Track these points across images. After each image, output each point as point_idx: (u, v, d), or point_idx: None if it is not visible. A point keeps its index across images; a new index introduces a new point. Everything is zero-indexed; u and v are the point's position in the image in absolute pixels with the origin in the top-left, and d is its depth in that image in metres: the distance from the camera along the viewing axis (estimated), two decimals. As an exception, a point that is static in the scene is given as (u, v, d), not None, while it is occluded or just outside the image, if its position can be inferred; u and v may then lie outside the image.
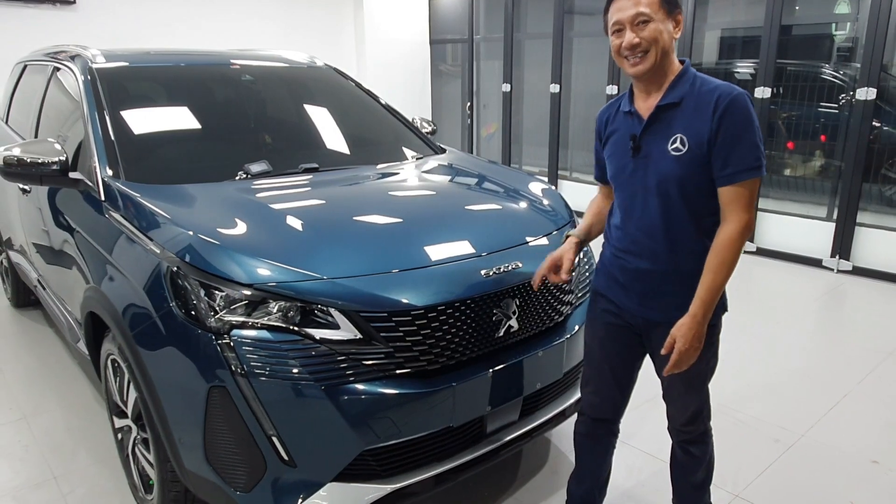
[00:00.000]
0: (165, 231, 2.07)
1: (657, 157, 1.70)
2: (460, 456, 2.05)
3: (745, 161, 1.62)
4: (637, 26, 1.65)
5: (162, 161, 2.67)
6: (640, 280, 1.81)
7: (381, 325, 1.87)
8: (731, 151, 1.62)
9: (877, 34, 4.69)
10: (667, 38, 1.67)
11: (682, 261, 1.74)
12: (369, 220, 2.30)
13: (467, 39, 8.10)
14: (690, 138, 1.65)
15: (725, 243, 1.65)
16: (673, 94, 1.69)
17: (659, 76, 1.70)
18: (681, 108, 1.68)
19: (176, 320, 1.89)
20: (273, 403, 1.80)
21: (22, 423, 2.98)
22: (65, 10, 5.82)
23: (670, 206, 1.71)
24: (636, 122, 1.75)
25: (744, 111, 1.61)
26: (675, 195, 1.69)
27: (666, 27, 1.66)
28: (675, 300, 1.75)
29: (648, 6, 1.64)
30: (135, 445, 2.30)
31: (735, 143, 1.62)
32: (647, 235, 1.76)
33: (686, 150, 1.65)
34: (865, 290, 4.75)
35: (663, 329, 1.77)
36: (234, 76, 3.24)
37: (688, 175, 1.67)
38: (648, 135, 1.72)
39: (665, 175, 1.69)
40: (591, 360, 2.03)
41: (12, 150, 2.53)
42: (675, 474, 2.09)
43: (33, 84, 3.67)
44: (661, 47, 1.66)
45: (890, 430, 2.92)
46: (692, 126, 1.65)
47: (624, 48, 1.67)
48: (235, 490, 1.88)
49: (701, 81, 1.69)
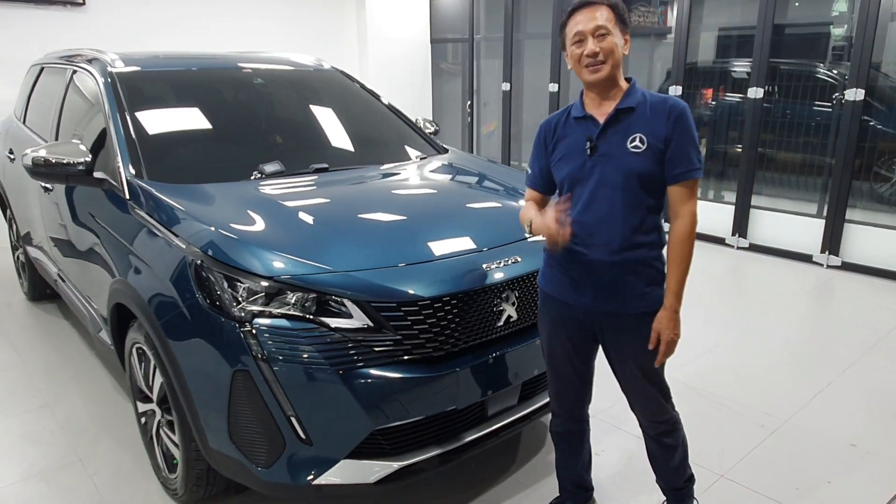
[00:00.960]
0: (189, 227, 2.23)
1: (616, 154, 1.87)
2: (463, 436, 2.22)
3: (692, 163, 1.83)
4: (597, 38, 1.83)
5: (181, 161, 2.82)
6: (597, 273, 1.91)
7: (390, 315, 2.03)
8: (681, 154, 1.83)
9: (865, 37, 4.84)
10: (619, 51, 1.86)
11: (633, 250, 1.89)
12: (378, 218, 2.46)
13: (468, 39, 8.24)
14: (649, 137, 1.84)
15: (683, 237, 1.87)
16: (629, 100, 1.88)
17: (611, 85, 1.89)
18: (637, 112, 1.87)
19: (201, 310, 2.04)
20: (292, 386, 1.96)
21: (45, 411, 3.14)
22: (74, 11, 5.96)
23: (626, 198, 1.87)
24: (591, 125, 1.91)
25: (690, 121, 1.85)
26: (634, 187, 1.87)
27: (619, 41, 1.86)
28: (631, 291, 1.91)
29: (607, 21, 1.83)
30: (159, 428, 2.46)
31: (684, 147, 1.83)
32: (606, 226, 1.89)
33: (645, 148, 1.84)
34: (853, 284, 4.92)
35: (618, 320, 1.94)
36: (247, 79, 3.38)
37: (645, 168, 1.85)
38: (606, 135, 1.89)
39: (624, 168, 1.86)
40: (553, 361, 2.13)
41: (39, 152, 2.68)
42: (654, 464, 2.20)
43: (51, 86, 3.81)
44: (615, 58, 1.85)
45: (869, 416, 3.08)
46: (651, 127, 1.84)
47: (585, 56, 1.84)
48: (257, 466, 2.04)
49: (650, 94, 1.91)
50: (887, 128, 5.43)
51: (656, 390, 2.03)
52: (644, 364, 1.97)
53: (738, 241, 5.81)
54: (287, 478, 2.03)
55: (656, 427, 2.10)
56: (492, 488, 2.55)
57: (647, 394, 2.04)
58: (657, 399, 2.05)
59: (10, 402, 3.22)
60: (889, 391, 3.31)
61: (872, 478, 2.62)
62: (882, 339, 3.90)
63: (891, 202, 5.51)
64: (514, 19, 7.53)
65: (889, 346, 3.82)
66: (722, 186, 6.51)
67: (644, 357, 1.96)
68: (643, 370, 1.99)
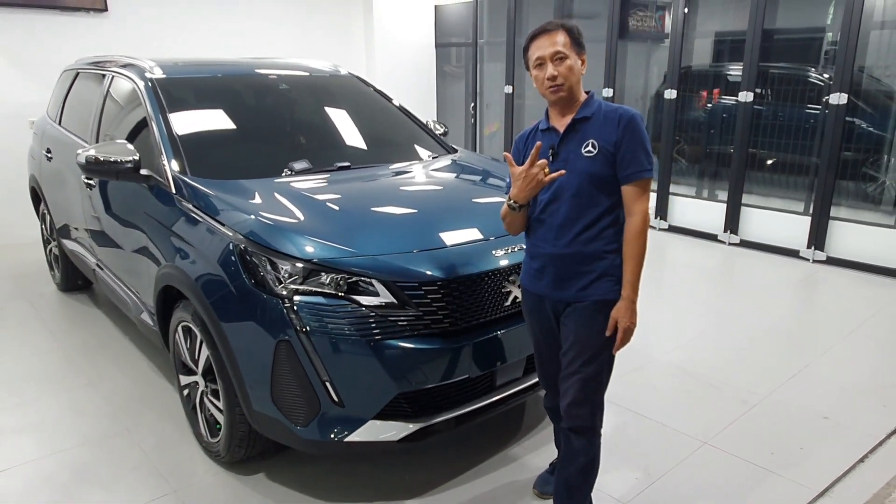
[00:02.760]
0: (233, 216, 2.53)
1: (573, 158, 2.07)
2: (475, 402, 2.51)
3: (640, 164, 2.02)
4: (555, 62, 2.04)
5: (219, 159, 3.11)
6: (554, 264, 2.11)
7: (412, 294, 2.33)
8: (630, 156, 2.02)
9: (849, 43, 5.13)
10: (576, 72, 2.08)
11: (587, 244, 2.07)
12: (398, 209, 2.77)
13: (472, 43, 8.54)
14: (600, 142, 2.04)
15: (636, 233, 2.02)
16: (585, 111, 2.09)
17: (572, 101, 2.10)
18: (591, 121, 2.08)
19: (247, 288, 2.34)
20: (327, 354, 2.25)
21: (90, 388, 3.44)
22: (98, 17, 6.24)
23: (582, 198, 2.06)
24: (554, 135, 2.13)
25: (639, 127, 2.03)
26: (586, 187, 2.05)
27: (576, 63, 2.07)
28: (581, 281, 2.08)
29: (564, 46, 2.04)
30: (202, 397, 2.75)
31: (633, 150, 2.02)
32: (563, 224, 2.09)
33: (597, 152, 2.04)
34: (836, 277, 5.21)
35: (570, 307, 2.11)
36: (273, 85, 3.68)
37: (596, 170, 2.04)
38: (565, 143, 2.10)
39: (579, 171, 2.06)
40: (535, 345, 2.31)
41: (91, 151, 2.98)
42: (560, 459, 2.29)
43: (88, 90, 4.11)
44: (572, 79, 2.06)
45: (841, 393, 3.37)
46: (602, 134, 2.05)
47: (546, 79, 2.06)
48: (295, 425, 2.33)
49: (605, 104, 2.11)
50: (873, 129, 5.74)
51: (587, 379, 2.10)
52: (584, 350, 2.09)
53: (730, 238, 6.11)
54: (322, 435, 2.33)
55: (571, 418, 2.15)
56: (499, 452, 2.85)
57: (576, 379, 2.11)
58: (584, 388, 2.11)
59: (56, 380, 3.52)
60: (862, 372, 3.61)
61: (840, 445, 2.91)
62: (859, 327, 4.19)
63: (877, 201, 5.81)
64: (517, 24, 7.83)
65: (865, 334, 4.11)
66: (715, 185, 6.80)
67: (588, 342, 2.08)
68: (583, 356, 2.09)
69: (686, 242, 6.27)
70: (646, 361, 3.70)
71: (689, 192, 6.85)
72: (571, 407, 2.14)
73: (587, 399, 2.13)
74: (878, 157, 5.76)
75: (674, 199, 6.63)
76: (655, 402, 3.29)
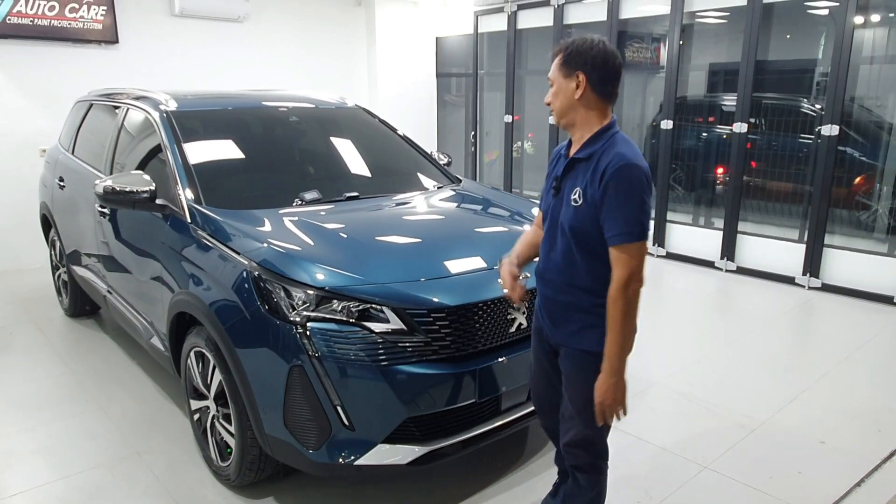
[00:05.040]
0: (247, 244, 2.62)
1: (566, 201, 1.94)
2: (481, 426, 2.58)
3: (621, 228, 1.80)
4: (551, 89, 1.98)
5: (232, 189, 3.22)
6: (548, 306, 2.08)
7: (421, 320, 2.41)
8: (611, 218, 1.81)
9: (838, 77, 5.29)
10: (561, 99, 1.91)
11: (576, 294, 1.96)
12: (406, 238, 2.88)
13: (472, 73, 8.74)
14: (585, 194, 1.87)
15: (611, 301, 1.84)
16: (586, 150, 1.90)
17: (573, 128, 1.95)
18: (587, 163, 1.89)
19: (261, 314, 2.42)
20: (339, 379, 2.33)
21: (99, 412, 3.49)
22: (109, 49, 6.41)
23: (568, 246, 1.94)
24: (562, 165, 2.01)
25: (625, 183, 1.78)
26: (570, 237, 1.92)
27: (562, 88, 1.91)
28: (571, 327, 2.01)
29: (551, 74, 1.95)
30: (213, 421, 2.81)
31: (614, 211, 1.80)
32: (555, 265, 2.01)
33: (581, 203, 1.88)
34: (831, 304, 5.30)
35: (564, 351, 2.06)
36: (283, 117, 3.81)
37: (578, 224, 1.89)
38: (565, 180, 1.98)
39: (565, 218, 1.94)
40: (533, 364, 2.31)
41: (108, 182, 3.08)
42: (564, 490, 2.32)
43: (102, 121, 4.24)
44: (558, 107, 1.94)
45: (838, 418, 3.44)
46: (588, 185, 1.87)
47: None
48: (307, 448, 2.40)
49: (611, 144, 1.87)
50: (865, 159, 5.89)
51: (584, 424, 2.04)
52: (577, 396, 2.02)
53: (726, 265, 6.22)
54: (332, 458, 2.39)
55: (571, 457, 2.13)
56: (504, 476, 2.90)
57: (573, 422, 2.08)
58: (580, 431, 2.07)
59: (66, 404, 3.57)
60: (858, 397, 3.68)
61: (838, 469, 2.98)
62: (854, 353, 4.27)
63: (870, 228, 5.93)
64: (516, 56, 8.03)
65: (860, 359, 4.19)
66: (711, 213, 6.93)
67: (580, 389, 2.00)
68: (577, 402, 2.03)
69: (683, 269, 6.38)
70: (646, 386, 3.77)
71: (686, 220, 6.97)
72: (569, 447, 2.13)
73: (585, 441, 2.09)
74: (871, 185, 5.89)
75: (671, 227, 6.75)
76: (655, 426, 3.35)
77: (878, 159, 5.82)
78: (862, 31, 5.49)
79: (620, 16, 6.89)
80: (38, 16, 5.88)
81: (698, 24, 6.80)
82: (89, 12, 6.14)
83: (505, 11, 7.96)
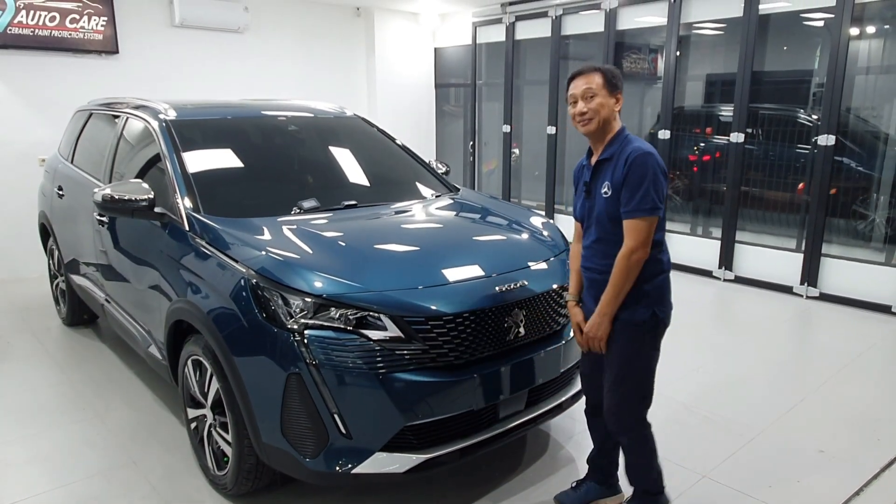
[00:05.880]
0: (245, 252, 2.62)
1: (598, 197, 2.34)
2: (479, 434, 2.57)
3: (636, 204, 2.19)
4: (586, 99, 2.28)
5: (231, 198, 3.22)
6: (594, 289, 2.39)
7: (419, 328, 2.41)
8: (627, 195, 2.21)
9: (834, 87, 5.33)
10: (606, 110, 2.28)
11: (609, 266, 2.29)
12: (403, 246, 2.87)
13: (470, 84, 8.78)
14: (612, 184, 2.26)
15: (618, 260, 2.23)
16: (607, 151, 2.32)
17: (602, 136, 2.33)
18: (610, 162, 2.30)
19: (259, 322, 2.42)
20: (336, 387, 2.33)
21: (97, 420, 3.48)
22: (109, 59, 6.44)
23: (606, 232, 2.31)
24: (588, 171, 2.40)
25: (643, 167, 2.19)
26: (606, 223, 2.30)
27: (608, 103, 2.28)
28: None
29: (595, 85, 2.27)
30: (210, 430, 2.80)
31: (630, 189, 2.20)
32: (595, 252, 2.37)
33: (611, 193, 2.27)
34: (829, 313, 5.31)
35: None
36: (283, 126, 3.83)
37: (612, 209, 2.28)
38: (593, 181, 2.37)
39: (601, 210, 2.32)
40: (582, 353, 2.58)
41: (107, 190, 3.09)
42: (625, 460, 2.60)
43: (102, 130, 4.25)
44: (602, 116, 2.28)
45: (836, 426, 3.44)
46: (614, 176, 2.27)
47: (576, 115, 2.31)
48: (304, 457, 2.39)
49: (628, 142, 2.29)
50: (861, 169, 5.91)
51: (618, 393, 2.39)
52: (613, 365, 2.37)
53: (724, 274, 6.23)
54: (329, 467, 2.38)
55: (609, 423, 2.46)
56: (502, 484, 2.89)
57: (610, 392, 2.41)
58: (615, 400, 2.41)
59: (64, 412, 3.56)
60: (855, 406, 3.67)
61: (836, 478, 2.97)
62: (852, 362, 4.27)
63: (868, 238, 5.94)
64: (514, 67, 8.08)
65: (858, 368, 4.19)
66: (709, 223, 6.95)
67: (615, 359, 2.35)
68: (612, 371, 2.38)
69: (682, 279, 6.38)
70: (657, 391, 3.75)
71: (684, 230, 6.99)
72: (608, 415, 2.45)
73: (619, 410, 2.41)
74: (868, 195, 5.92)
75: (669, 236, 6.76)
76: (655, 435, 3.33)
77: (875, 169, 5.85)
78: (857, 42, 5.54)
79: (617, 27, 6.95)
80: (39, 26, 5.91)
81: (695, 35, 6.85)
82: (90, 23, 6.18)
83: (503, 22, 8.02)
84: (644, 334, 2.33)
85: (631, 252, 2.20)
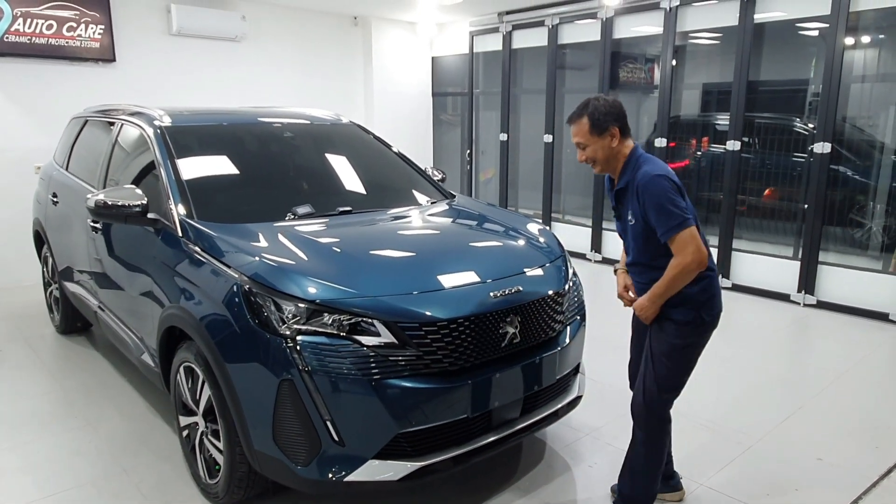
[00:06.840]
0: (238, 258, 2.60)
1: (626, 221, 2.48)
2: (473, 442, 2.55)
3: (665, 227, 2.30)
4: (581, 148, 2.44)
5: (225, 204, 3.20)
6: (640, 291, 2.53)
7: (413, 334, 2.39)
8: (657, 219, 2.32)
9: (829, 96, 5.34)
10: (603, 152, 2.41)
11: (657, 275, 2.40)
12: (398, 252, 2.85)
13: (467, 93, 8.80)
14: (634, 214, 2.40)
15: (671, 268, 2.35)
16: (622, 181, 2.43)
17: (612, 171, 2.48)
18: (626, 190, 2.42)
19: (252, 328, 2.39)
20: (329, 394, 2.30)
21: (89, 429, 3.45)
22: (106, 67, 6.44)
23: (639, 254, 2.47)
24: (612, 196, 2.56)
25: (652, 193, 2.30)
26: (641, 241, 2.44)
27: (601, 145, 2.39)
28: None
29: (581, 136, 2.41)
30: (202, 438, 2.77)
31: (657, 214, 2.31)
32: (634, 272, 2.56)
33: (635, 222, 2.42)
34: (827, 321, 5.30)
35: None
36: (278, 133, 3.82)
37: (640, 232, 2.42)
38: (620, 208, 2.52)
39: (631, 232, 2.47)
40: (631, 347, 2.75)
41: (100, 196, 3.07)
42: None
43: (97, 137, 4.24)
44: (601, 159, 2.43)
45: (834, 434, 3.41)
46: (633, 206, 2.41)
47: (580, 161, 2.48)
48: (296, 465, 2.36)
49: (637, 167, 2.38)
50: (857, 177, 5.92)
51: (651, 373, 2.50)
52: (648, 355, 2.51)
53: (722, 282, 6.21)
54: (321, 475, 2.35)
55: (635, 410, 2.56)
56: (496, 494, 2.86)
57: (643, 371, 2.54)
58: (646, 379, 2.52)
59: (55, 420, 3.53)
60: (854, 414, 3.65)
61: (835, 486, 2.94)
62: (850, 370, 4.25)
63: (864, 246, 5.94)
64: (511, 76, 8.10)
65: (856, 376, 4.17)
66: (706, 231, 6.92)
67: (650, 349, 2.49)
68: (648, 354, 2.52)
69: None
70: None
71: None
72: (633, 404, 2.57)
73: (642, 396, 2.52)
74: (864, 203, 5.92)
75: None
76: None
77: (871, 177, 5.85)
78: (852, 51, 5.56)
79: (614, 36, 6.97)
80: (35, 34, 5.91)
81: (691, 45, 6.88)
82: (87, 31, 6.18)
83: (500, 31, 8.05)
84: (685, 335, 2.43)
85: (681, 262, 2.30)
